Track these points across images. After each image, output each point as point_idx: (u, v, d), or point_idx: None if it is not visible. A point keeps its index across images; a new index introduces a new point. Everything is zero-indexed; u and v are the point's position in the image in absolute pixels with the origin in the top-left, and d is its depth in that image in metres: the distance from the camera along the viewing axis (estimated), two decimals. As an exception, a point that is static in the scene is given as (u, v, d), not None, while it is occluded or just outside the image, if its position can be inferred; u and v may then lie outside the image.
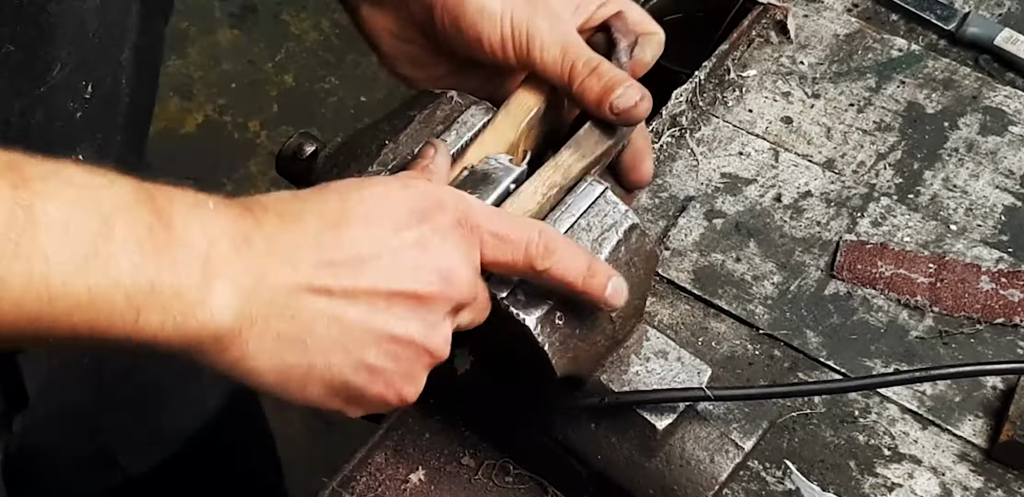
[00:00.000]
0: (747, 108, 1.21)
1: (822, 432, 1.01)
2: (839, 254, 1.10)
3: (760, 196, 1.14)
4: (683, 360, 0.88)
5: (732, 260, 1.10)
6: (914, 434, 1.00)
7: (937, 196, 1.14)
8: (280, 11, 2.88)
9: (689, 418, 0.89)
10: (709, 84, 1.22)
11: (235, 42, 2.84)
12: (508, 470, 0.98)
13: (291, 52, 2.82)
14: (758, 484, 0.98)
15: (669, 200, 1.14)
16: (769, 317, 1.07)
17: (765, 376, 1.03)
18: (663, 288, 1.09)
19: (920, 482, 0.98)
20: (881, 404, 1.02)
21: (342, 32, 2.81)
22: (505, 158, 0.79)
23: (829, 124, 1.19)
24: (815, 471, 0.98)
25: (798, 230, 1.12)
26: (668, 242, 1.11)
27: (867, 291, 1.08)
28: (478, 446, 0.99)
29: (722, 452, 0.89)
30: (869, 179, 1.15)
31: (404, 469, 0.99)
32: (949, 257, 1.09)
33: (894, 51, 1.24)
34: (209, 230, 0.60)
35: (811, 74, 1.23)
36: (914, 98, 1.21)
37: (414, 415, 1.01)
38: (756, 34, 1.26)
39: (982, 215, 1.13)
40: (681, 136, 1.19)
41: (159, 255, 0.57)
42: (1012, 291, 1.07)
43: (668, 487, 0.89)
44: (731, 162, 1.17)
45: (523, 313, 0.75)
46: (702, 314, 1.07)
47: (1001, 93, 1.21)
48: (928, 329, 1.05)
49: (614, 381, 0.86)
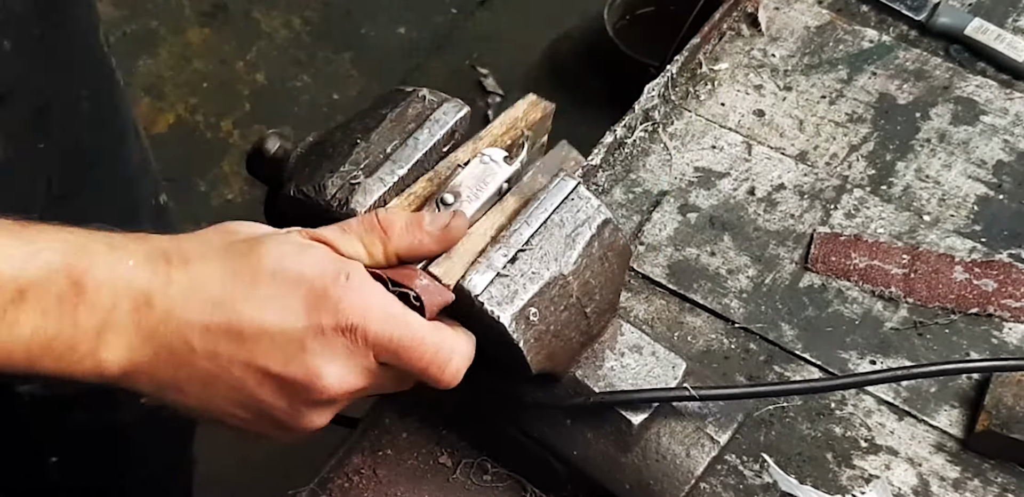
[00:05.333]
0: (719, 101, 1.20)
1: (799, 425, 1.01)
2: (813, 246, 1.10)
3: (734, 190, 1.14)
4: (658, 355, 0.88)
5: (707, 254, 1.10)
6: (890, 425, 1.00)
7: (910, 187, 1.14)
8: (251, 9, 2.86)
9: (664, 413, 0.89)
10: (681, 78, 1.21)
11: (206, 41, 2.83)
12: (486, 469, 0.98)
13: (262, 50, 2.81)
14: (736, 478, 0.98)
15: (643, 195, 1.14)
16: (744, 311, 1.07)
17: (741, 370, 1.03)
18: (638, 283, 1.09)
19: (897, 473, 0.98)
20: (857, 396, 1.02)
21: (313, 30, 2.80)
22: (500, 154, 0.79)
23: (801, 116, 1.19)
24: (792, 464, 0.98)
25: (772, 223, 1.12)
26: (642, 237, 1.11)
27: (841, 283, 1.08)
28: (456, 445, 0.99)
29: (698, 446, 0.89)
30: (842, 171, 1.15)
31: (382, 469, 0.98)
32: (922, 248, 1.10)
33: (865, 42, 1.24)
34: (116, 293, 0.69)
35: (783, 66, 1.23)
36: (885, 89, 1.21)
37: (391, 415, 1.00)
38: (727, 27, 1.26)
39: (955, 205, 1.13)
40: (654, 130, 1.18)
41: (61, 318, 0.68)
42: (986, 281, 1.07)
43: (645, 482, 0.89)
44: (704, 156, 1.17)
45: (497, 310, 0.75)
46: (677, 309, 1.07)
47: (972, 83, 1.21)
48: (903, 320, 1.06)
49: (589, 377, 0.86)
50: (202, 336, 0.70)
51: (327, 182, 0.79)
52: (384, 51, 2.80)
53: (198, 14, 2.85)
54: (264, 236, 0.73)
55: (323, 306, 0.69)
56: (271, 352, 0.70)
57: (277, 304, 0.70)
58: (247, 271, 0.70)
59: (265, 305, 0.70)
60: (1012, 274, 1.07)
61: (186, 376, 0.71)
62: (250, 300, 0.70)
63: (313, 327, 0.69)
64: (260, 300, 0.70)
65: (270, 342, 0.70)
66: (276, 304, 0.70)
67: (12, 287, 0.67)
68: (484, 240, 0.77)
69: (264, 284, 0.70)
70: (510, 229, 0.78)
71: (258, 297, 0.70)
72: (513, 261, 0.76)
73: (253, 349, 0.70)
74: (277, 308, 0.70)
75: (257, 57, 2.80)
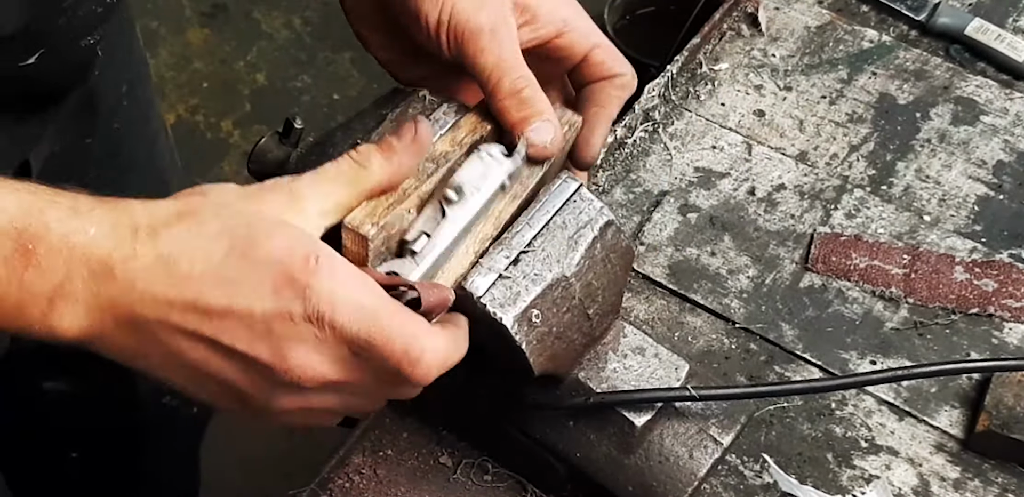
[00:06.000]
0: (719, 102, 1.21)
1: (799, 425, 1.01)
2: (813, 247, 1.10)
3: (734, 190, 1.14)
4: (660, 356, 0.88)
5: (707, 254, 1.10)
6: (891, 426, 1.01)
7: (910, 187, 1.14)
8: (251, 9, 2.86)
9: (667, 414, 0.89)
10: (681, 78, 1.22)
11: (206, 41, 2.83)
12: (487, 469, 0.98)
13: (263, 51, 2.81)
14: (736, 478, 0.98)
15: (643, 195, 1.14)
16: (745, 311, 1.07)
17: (742, 370, 1.03)
18: (638, 283, 1.09)
19: (897, 473, 0.98)
20: (857, 396, 1.02)
21: (314, 30, 2.80)
22: (497, 149, 0.78)
23: (801, 117, 1.19)
24: (793, 464, 0.99)
25: (772, 223, 1.12)
26: (643, 237, 1.11)
27: (842, 283, 1.08)
28: (456, 445, 0.99)
29: (701, 447, 0.89)
30: (842, 171, 1.15)
31: (382, 469, 0.98)
32: (923, 248, 1.10)
33: (865, 42, 1.24)
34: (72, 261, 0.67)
35: (783, 66, 1.23)
36: (886, 89, 1.21)
37: (391, 415, 1.00)
38: (727, 27, 1.26)
39: (955, 205, 1.13)
40: (654, 131, 1.18)
41: (8, 281, 0.66)
42: (986, 281, 1.07)
43: (647, 483, 0.89)
44: (704, 156, 1.17)
45: (500, 312, 0.75)
46: (678, 309, 1.07)
47: (972, 83, 1.21)
48: (903, 320, 1.06)
49: (592, 379, 0.86)
50: (165, 310, 0.68)
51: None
52: (384, 51, 2.79)
53: (198, 14, 2.85)
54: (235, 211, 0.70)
55: (291, 291, 0.67)
56: (237, 330, 0.68)
57: (245, 285, 0.68)
58: (216, 249, 0.68)
59: (233, 285, 0.68)
60: (1012, 274, 1.07)
61: (148, 347, 0.70)
62: (217, 279, 0.68)
63: (281, 312, 0.67)
64: (227, 280, 0.68)
65: (236, 321, 0.68)
66: (244, 285, 0.68)
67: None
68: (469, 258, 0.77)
69: (233, 264, 0.68)
70: (512, 231, 0.78)
71: (226, 277, 0.68)
72: (515, 263, 0.76)
73: (219, 326, 0.68)
74: (245, 289, 0.67)
75: (257, 57, 2.80)
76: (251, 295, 0.67)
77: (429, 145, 0.76)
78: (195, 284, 0.67)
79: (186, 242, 0.68)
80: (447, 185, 0.77)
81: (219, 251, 0.68)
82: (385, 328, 0.68)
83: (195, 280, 0.67)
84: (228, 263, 0.68)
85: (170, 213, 0.69)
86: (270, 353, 0.68)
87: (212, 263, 0.67)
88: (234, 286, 0.67)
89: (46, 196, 0.68)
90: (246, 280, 0.67)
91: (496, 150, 0.78)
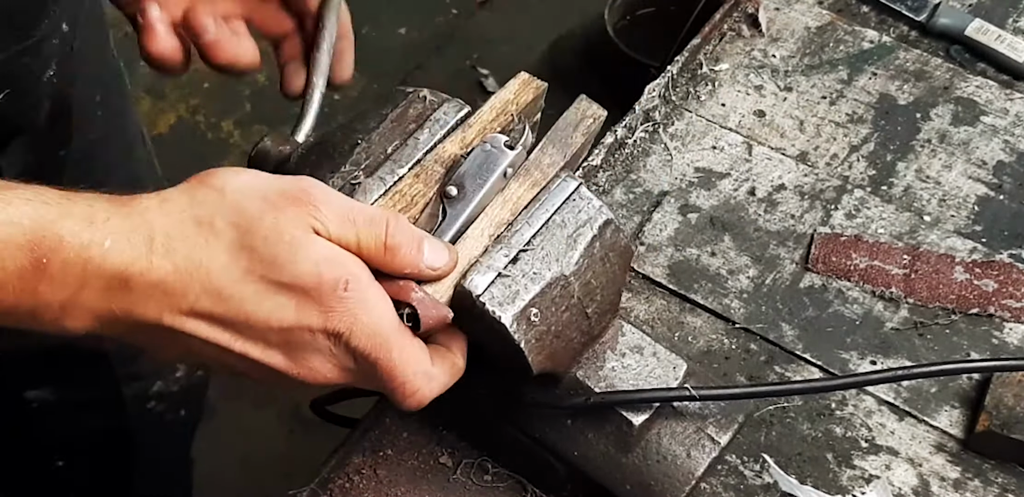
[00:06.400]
0: (720, 102, 1.21)
1: (799, 425, 1.01)
2: (813, 247, 1.10)
3: (734, 190, 1.14)
4: (659, 355, 0.88)
5: (707, 254, 1.10)
6: (891, 426, 1.01)
7: (910, 187, 1.14)
8: (251, 10, 2.86)
9: (665, 413, 0.89)
10: (681, 79, 1.22)
11: (206, 41, 2.82)
12: (487, 469, 0.98)
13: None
14: (736, 478, 0.98)
15: (643, 195, 1.14)
16: (745, 311, 1.07)
17: (742, 370, 1.03)
18: (638, 283, 1.09)
19: (897, 473, 0.98)
20: (857, 396, 1.02)
21: (314, 30, 2.80)
22: (500, 140, 0.79)
23: (802, 117, 1.19)
24: (793, 464, 0.98)
25: (772, 223, 1.12)
26: (643, 237, 1.11)
27: (842, 283, 1.08)
28: (456, 445, 0.99)
29: (699, 447, 0.89)
30: (842, 171, 1.15)
31: (382, 469, 0.98)
32: (923, 248, 1.10)
33: (865, 43, 1.24)
34: (86, 273, 0.67)
35: (783, 67, 1.23)
36: (886, 90, 1.21)
37: (391, 415, 1.00)
38: (728, 27, 1.26)
39: (955, 206, 1.13)
40: (654, 131, 1.18)
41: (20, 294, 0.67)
42: (986, 281, 1.07)
43: (645, 483, 0.89)
44: (705, 156, 1.17)
45: (499, 310, 0.75)
46: (678, 309, 1.07)
47: (972, 83, 1.21)
48: (903, 320, 1.06)
49: (590, 377, 0.86)
50: (180, 320, 0.69)
51: (328, 182, 0.79)
52: (384, 51, 2.79)
53: (199, 14, 2.85)
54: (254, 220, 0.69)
55: (315, 310, 0.70)
56: (253, 341, 0.71)
57: (268, 300, 0.69)
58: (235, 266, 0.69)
59: (252, 302, 0.69)
60: (1012, 274, 1.07)
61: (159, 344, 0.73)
62: (238, 293, 0.69)
63: (301, 325, 0.70)
64: (247, 297, 0.69)
65: (252, 333, 0.70)
66: (267, 300, 0.69)
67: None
68: (483, 241, 0.77)
69: (254, 279, 0.69)
70: (511, 229, 0.78)
71: (248, 292, 0.69)
72: (514, 261, 0.76)
73: (234, 337, 0.70)
74: (268, 304, 0.69)
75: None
76: (273, 310, 0.69)
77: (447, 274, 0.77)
78: (212, 298, 0.69)
79: (203, 254, 0.69)
80: (449, 182, 0.78)
81: (238, 268, 0.69)
82: (393, 359, 0.72)
83: (212, 294, 0.69)
84: (248, 280, 0.69)
85: (185, 219, 0.69)
86: (284, 360, 0.71)
87: (231, 278, 0.69)
88: (253, 303, 0.69)
89: (63, 202, 0.68)
90: (270, 296, 0.69)
91: (499, 141, 0.79)
